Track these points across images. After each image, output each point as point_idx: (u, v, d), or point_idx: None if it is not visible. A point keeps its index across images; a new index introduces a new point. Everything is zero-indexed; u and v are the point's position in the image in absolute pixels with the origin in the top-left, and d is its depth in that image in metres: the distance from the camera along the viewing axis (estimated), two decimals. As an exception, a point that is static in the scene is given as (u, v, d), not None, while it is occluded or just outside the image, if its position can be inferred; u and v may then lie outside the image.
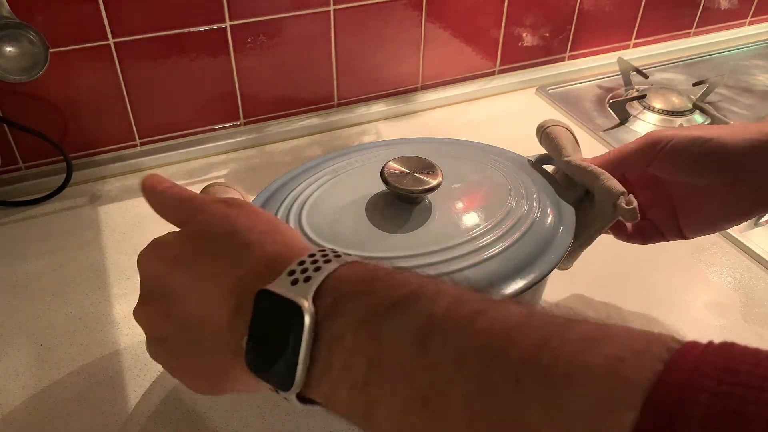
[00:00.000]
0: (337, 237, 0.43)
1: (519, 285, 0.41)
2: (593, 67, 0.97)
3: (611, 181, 0.45)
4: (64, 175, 0.69)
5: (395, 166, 0.45)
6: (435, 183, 0.44)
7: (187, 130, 0.77)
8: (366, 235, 0.43)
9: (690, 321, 0.56)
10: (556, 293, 0.58)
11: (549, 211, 0.46)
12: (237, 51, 0.74)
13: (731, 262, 0.62)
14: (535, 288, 0.41)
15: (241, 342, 0.29)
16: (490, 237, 0.43)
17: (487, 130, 0.82)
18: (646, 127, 0.84)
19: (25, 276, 0.60)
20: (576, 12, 0.92)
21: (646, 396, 0.19)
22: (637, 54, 0.99)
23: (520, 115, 0.87)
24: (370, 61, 0.83)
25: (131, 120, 0.74)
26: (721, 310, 0.57)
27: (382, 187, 0.45)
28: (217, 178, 0.74)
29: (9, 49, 0.57)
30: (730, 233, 0.64)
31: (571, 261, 0.53)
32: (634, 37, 1.00)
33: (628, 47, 1.01)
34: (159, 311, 0.34)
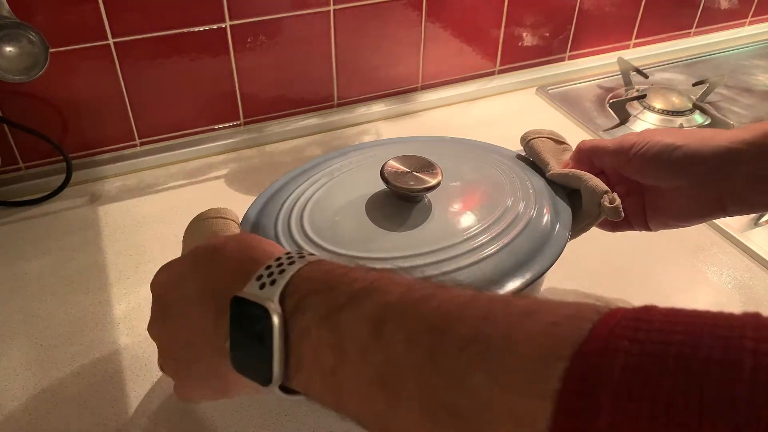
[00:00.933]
0: (337, 237, 0.43)
1: (517, 283, 0.41)
2: (593, 67, 0.97)
3: (593, 181, 0.47)
4: (64, 175, 0.69)
5: (395, 165, 0.45)
6: (435, 182, 0.44)
7: (187, 130, 0.77)
8: (367, 235, 0.43)
9: (690, 321, 0.55)
10: (554, 292, 0.58)
11: (546, 209, 0.47)
12: (237, 51, 0.74)
13: (731, 262, 0.62)
14: (532, 285, 0.42)
15: (225, 345, 0.32)
16: (487, 236, 0.43)
17: (487, 130, 0.82)
18: (646, 126, 0.84)
19: (25, 276, 0.60)
20: (576, 12, 0.92)
21: (576, 348, 0.21)
22: (637, 54, 0.99)
23: (520, 115, 0.87)
24: (370, 61, 0.83)
25: (131, 120, 0.74)
26: (721, 310, 0.57)
27: (382, 186, 0.45)
28: (217, 178, 0.74)
29: (9, 49, 0.57)
30: (730, 233, 0.64)
31: None
32: (634, 37, 1.00)
33: (628, 47, 1.01)
34: (162, 326, 0.38)
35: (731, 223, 0.65)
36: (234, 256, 0.34)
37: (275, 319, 0.29)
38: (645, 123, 0.84)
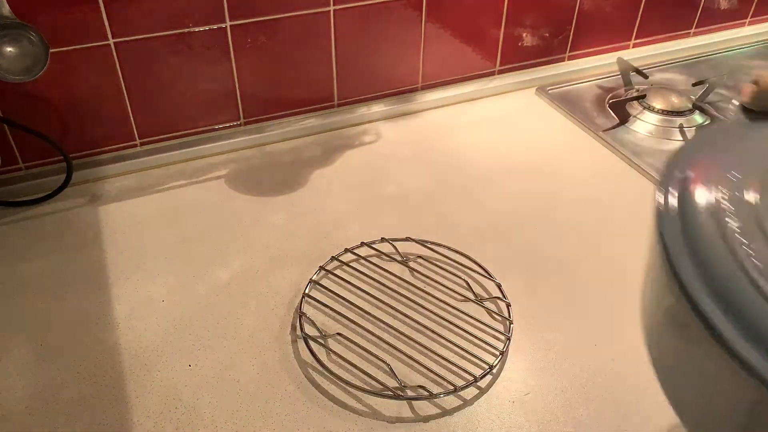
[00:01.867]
0: None
1: None
2: (593, 67, 0.97)
3: None
4: (64, 175, 0.69)
5: None
6: None
7: (187, 130, 0.77)
8: None
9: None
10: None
11: None
12: (237, 51, 0.74)
13: (731, 262, 0.62)
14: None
15: None
16: None
17: (487, 130, 0.83)
18: (646, 127, 0.84)
19: (25, 276, 0.60)
20: (576, 12, 0.92)
21: None
22: (637, 54, 0.99)
23: (520, 115, 0.87)
24: (370, 61, 0.83)
25: (131, 120, 0.74)
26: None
27: None
28: (217, 178, 0.74)
29: (9, 49, 0.57)
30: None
31: None
32: (633, 37, 1.00)
33: (627, 47, 1.01)
34: None
35: None
36: None
37: None
38: (645, 123, 0.84)
